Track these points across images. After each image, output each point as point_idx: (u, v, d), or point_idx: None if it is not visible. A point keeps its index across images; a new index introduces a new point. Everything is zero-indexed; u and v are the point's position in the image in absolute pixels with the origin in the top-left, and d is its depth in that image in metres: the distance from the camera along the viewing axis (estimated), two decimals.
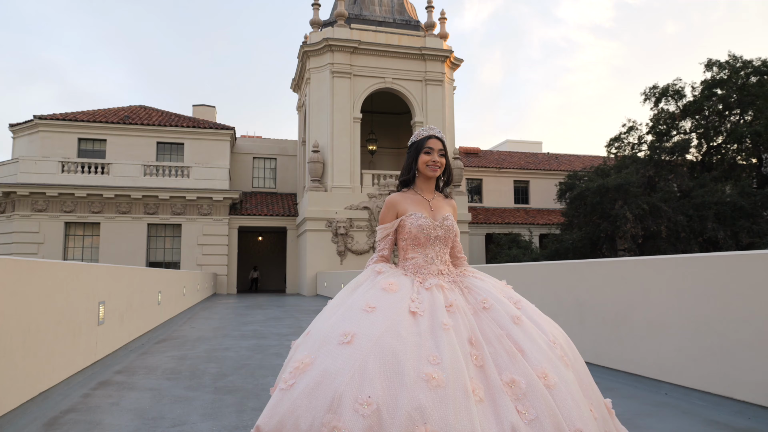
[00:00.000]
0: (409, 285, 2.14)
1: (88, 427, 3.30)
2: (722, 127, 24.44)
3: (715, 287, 3.55)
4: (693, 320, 3.70)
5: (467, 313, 2.04)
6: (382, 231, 2.40)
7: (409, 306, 1.98)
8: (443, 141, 2.40)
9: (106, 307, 5.37)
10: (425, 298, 2.05)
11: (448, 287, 2.17)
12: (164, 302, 9.39)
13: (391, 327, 1.86)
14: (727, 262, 3.48)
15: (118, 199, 23.17)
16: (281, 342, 7.41)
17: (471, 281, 2.28)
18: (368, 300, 2.01)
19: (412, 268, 2.28)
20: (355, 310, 1.97)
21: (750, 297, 3.31)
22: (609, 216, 19.86)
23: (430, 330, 1.89)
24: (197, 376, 4.90)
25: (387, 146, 28.42)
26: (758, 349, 3.24)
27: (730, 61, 23.99)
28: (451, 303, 2.05)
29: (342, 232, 22.28)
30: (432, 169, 2.35)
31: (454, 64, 25.67)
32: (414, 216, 2.30)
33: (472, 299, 2.16)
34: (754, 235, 19.45)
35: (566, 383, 1.85)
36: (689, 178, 22.88)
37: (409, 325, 1.90)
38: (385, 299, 2.01)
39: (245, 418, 3.50)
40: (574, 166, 33.53)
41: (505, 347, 1.91)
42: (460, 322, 1.97)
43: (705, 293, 3.62)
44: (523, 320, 2.04)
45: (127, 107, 27.28)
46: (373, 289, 2.11)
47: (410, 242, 2.31)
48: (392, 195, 2.42)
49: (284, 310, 14.05)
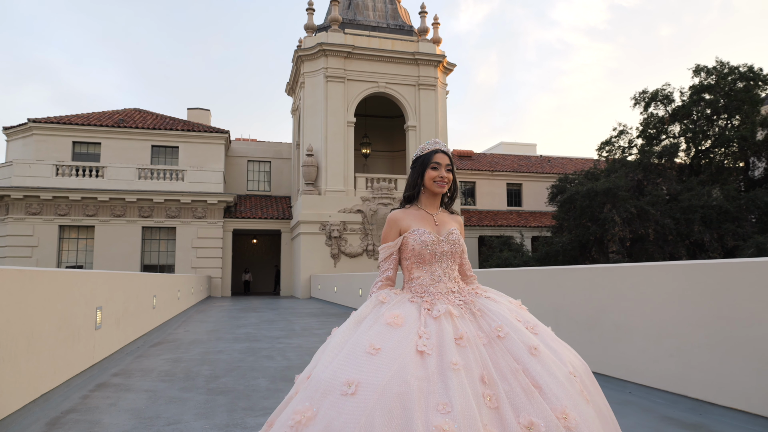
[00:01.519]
0: (415, 315, 2.02)
1: (88, 426, 3.53)
2: (710, 131, 24.83)
3: (674, 294, 3.82)
4: (654, 324, 3.97)
5: (479, 346, 1.93)
6: (385, 251, 2.28)
7: (416, 344, 1.87)
8: (450, 155, 2.32)
9: (103, 312, 5.59)
10: (433, 332, 1.94)
11: (458, 314, 2.05)
12: (159, 306, 9.60)
13: (397, 372, 1.74)
14: (684, 271, 3.75)
15: (112, 203, 23.32)
16: (273, 345, 7.64)
17: (484, 303, 2.16)
18: (372, 339, 1.89)
19: (418, 289, 2.18)
20: (358, 353, 1.85)
21: (703, 303, 3.58)
22: (598, 219, 20.20)
23: (438, 372, 1.78)
24: (191, 378, 5.13)
25: (381, 149, 28.70)
26: (711, 351, 3.51)
27: (717, 67, 24.41)
28: (462, 335, 1.93)
29: (336, 235, 22.52)
30: (439, 185, 2.27)
31: (447, 69, 25.97)
32: (417, 232, 2.21)
33: (486, 325, 2.04)
34: (739, 238, 19.83)
35: (587, 423, 1.75)
36: (677, 182, 23.26)
37: (416, 368, 1.78)
38: (391, 337, 1.89)
39: (236, 417, 3.73)
40: (567, 168, 33.90)
41: (521, 384, 1.80)
42: (471, 358, 1.86)
43: (665, 299, 3.89)
44: (540, 351, 1.93)
45: (121, 110, 27.42)
46: (377, 324, 1.98)
47: (415, 260, 2.22)
48: (394, 212, 2.32)
49: (278, 312, 14.26)
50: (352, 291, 14.35)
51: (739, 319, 3.32)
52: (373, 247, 22.95)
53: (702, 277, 3.62)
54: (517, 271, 6.01)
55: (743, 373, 3.29)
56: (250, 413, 3.82)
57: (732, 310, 3.37)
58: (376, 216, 23.03)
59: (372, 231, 23.05)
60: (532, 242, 29.36)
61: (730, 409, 3.37)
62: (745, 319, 3.28)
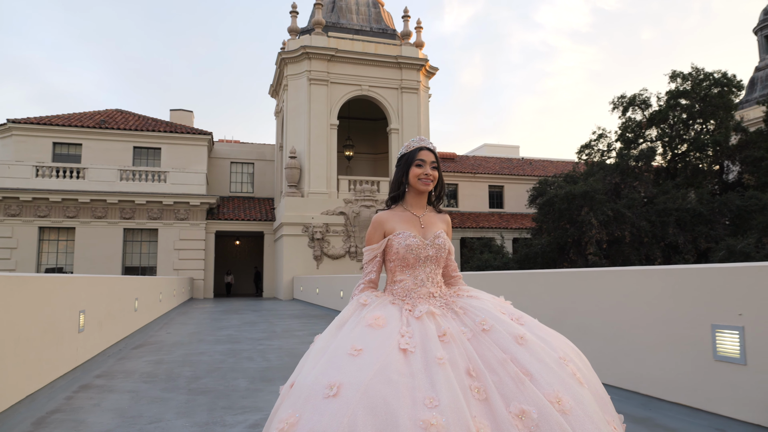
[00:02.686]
0: (397, 316, 2.00)
1: (73, 425, 3.69)
2: (686, 135, 25.45)
3: (628, 297, 4.09)
4: (610, 326, 4.24)
5: (462, 341, 1.89)
6: (368, 253, 2.24)
7: (399, 342, 1.84)
8: (435, 153, 2.27)
9: (86, 316, 5.72)
10: (416, 330, 1.91)
11: (440, 313, 2.03)
12: (141, 308, 9.70)
13: (380, 371, 1.71)
14: (635, 276, 4.03)
15: (93, 204, 23.20)
16: (254, 346, 7.81)
17: (466, 301, 2.13)
18: (353, 341, 1.86)
19: (400, 293, 2.16)
20: (340, 355, 1.82)
21: (653, 306, 3.85)
22: (576, 222, 20.62)
23: (423, 368, 1.75)
24: (173, 379, 5.29)
25: (364, 152, 28.91)
26: (659, 351, 3.78)
27: (693, 73, 25.06)
28: (444, 331, 1.90)
29: (318, 237, 22.67)
30: (424, 182, 2.22)
31: (430, 72, 26.28)
32: (402, 235, 2.16)
33: (469, 321, 2.01)
34: (711, 240, 20.39)
35: (583, 405, 1.71)
36: (654, 185, 23.80)
37: (400, 365, 1.75)
38: (372, 338, 1.87)
39: (215, 415, 3.92)
40: (548, 171, 34.43)
41: (510, 373, 1.77)
42: (456, 352, 1.82)
43: (619, 302, 4.16)
44: (527, 339, 1.89)
45: (103, 111, 27.26)
46: (359, 326, 1.95)
47: (398, 263, 2.18)
48: (379, 213, 2.27)
49: (260, 314, 14.39)
50: (334, 293, 14.54)
51: (683, 321, 3.60)
52: (355, 249, 23.15)
53: (652, 282, 3.89)
54: (486, 274, 6.27)
55: (688, 371, 3.56)
56: (230, 412, 4.01)
57: (678, 312, 3.65)
58: (358, 218, 23.22)
59: (354, 233, 23.25)
60: (513, 244, 29.78)
61: (676, 404, 3.65)
62: (689, 321, 3.55)
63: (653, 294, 3.86)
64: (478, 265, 22.24)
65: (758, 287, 3.11)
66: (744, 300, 3.17)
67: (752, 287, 3.14)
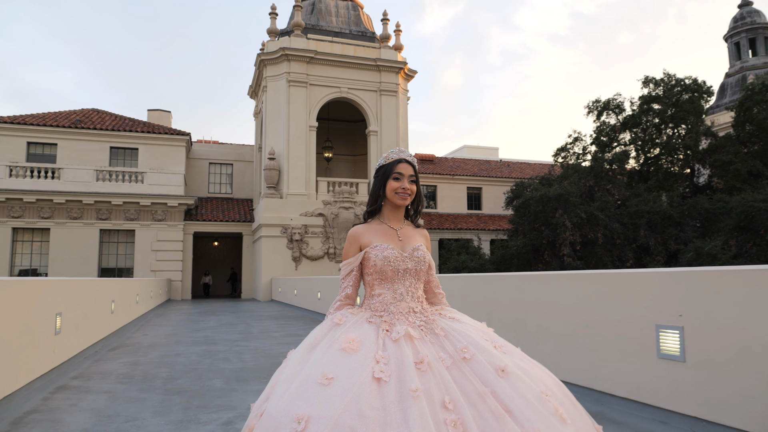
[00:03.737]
0: (373, 337, 1.92)
1: (51, 424, 3.81)
2: (658, 139, 26.12)
3: (583, 299, 4.34)
4: (568, 326, 4.49)
5: (440, 370, 1.82)
6: (345, 267, 2.18)
7: (374, 370, 1.76)
8: (414, 166, 2.22)
9: (62, 318, 5.80)
10: (392, 356, 1.83)
11: (418, 336, 1.95)
12: (117, 311, 9.73)
13: (351, 403, 1.64)
14: (587, 280, 4.29)
15: (69, 205, 22.95)
16: (230, 348, 7.93)
17: (447, 324, 2.06)
18: (325, 368, 1.77)
19: (378, 308, 2.09)
20: (310, 384, 1.74)
21: (606, 307, 4.11)
22: (551, 224, 21.05)
23: (397, 400, 1.68)
24: (149, 380, 5.40)
25: (343, 153, 29.05)
26: (611, 350, 4.04)
27: (664, 79, 25.72)
28: (422, 359, 1.83)
29: (297, 238, 22.76)
30: (401, 197, 2.17)
31: (408, 75, 26.54)
32: (379, 247, 2.11)
33: (450, 346, 1.94)
34: (680, 242, 21.00)
35: None
36: (626, 188, 24.40)
37: (372, 397, 1.68)
38: (345, 365, 1.79)
39: (190, 414, 4.06)
40: (525, 173, 34.97)
41: (490, 407, 1.70)
42: (432, 383, 1.75)
43: (576, 304, 4.41)
44: (509, 371, 1.83)
45: (79, 111, 26.95)
46: (331, 350, 1.87)
47: (376, 277, 2.12)
48: (354, 227, 2.22)
49: (237, 316, 14.46)
50: (312, 294, 14.67)
51: (631, 322, 3.85)
52: (334, 250, 23.28)
53: (603, 286, 4.15)
54: (456, 276, 6.50)
55: (635, 369, 3.82)
56: (204, 410, 4.16)
57: (626, 314, 3.90)
58: (337, 219, 23.37)
59: (333, 234, 23.38)
60: (491, 245, 30.20)
61: (625, 399, 3.90)
62: (636, 321, 3.81)
63: (605, 296, 4.12)
64: (455, 266, 22.55)
65: (696, 290, 3.37)
66: (684, 302, 3.43)
67: (691, 290, 3.40)
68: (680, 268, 3.53)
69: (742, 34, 36.20)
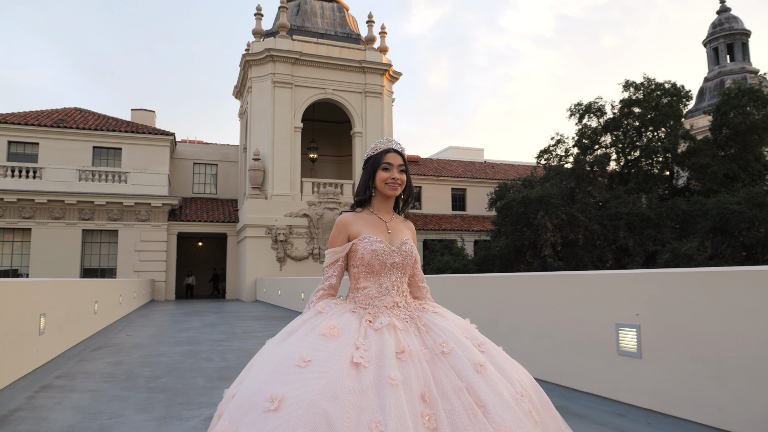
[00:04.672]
0: (356, 326, 1.90)
1: (36, 421, 3.92)
2: (639, 142, 26.62)
3: (550, 300, 4.55)
4: (536, 325, 4.70)
5: (421, 362, 1.80)
6: (331, 255, 2.13)
7: (353, 356, 1.74)
8: (403, 155, 2.19)
9: (46, 319, 5.89)
10: (373, 343, 1.80)
11: (402, 327, 1.93)
12: (101, 311, 9.79)
13: (327, 386, 1.62)
14: (554, 281, 4.50)
15: (51, 205, 22.79)
16: (213, 347, 8.04)
17: (430, 318, 2.04)
18: (303, 351, 1.75)
19: (363, 301, 2.05)
20: (286, 365, 1.71)
21: (569, 307, 4.32)
22: (532, 225, 21.38)
23: (374, 386, 1.66)
24: (132, 379, 5.52)
25: (328, 154, 29.18)
26: (574, 347, 4.25)
27: (644, 83, 26.23)
28: (404, 348, 1.80)
29: (282, 238, 22.84)
30: (391, 187, 2.13)
31: (393, 77, 26.74)
32: (368, 239, 2.07)
33: (430, 341, 1.92)
34: (658, 243, 21.46)
35: None
36: (606, 190, 24.84)
37: (349, 381, 1.66)
38: (324, 349, 1.76)
39: (173, 410, 4.20)
40: (510, 174, 35.37)
41: (464, 403, 1.69)
42: (412, 374, 1.73)
43: (544, 304, 4.62)
44: (486, 368, 1.82)
45: (61, 110, 26.75)
46: (311, 335, 1.84)
47: (363, 269, 2.08)
48: (343, 215, 2.16)
49: (221, 316, 14.53)
50: (297, 294, 14.79)
51: (594, 321, 4.07)
52: (318, 250, 23.40)
53: (569, 287, 4.36)
54: (434, 278, 6.69)
55: (597, 365, 4.03)
56: (186, 407, 4.29)
57: (589, 313, 4.12)
58: (322, 220, 23.49)
59: (318, 235, 23.50)
60: (474, 246, 30.51)
61: (588, 393, 4.12)
62: (598, 320, 4.03)
63: (570, 297, 4.33)
64: (439, 267, 22.79)
65: (652, 291, 3.59)
66: (640, 302, 3.65)
67: (647, 291, 3.62)
68: (637, 270, 3.75)
69: (720, 39, 36.94)
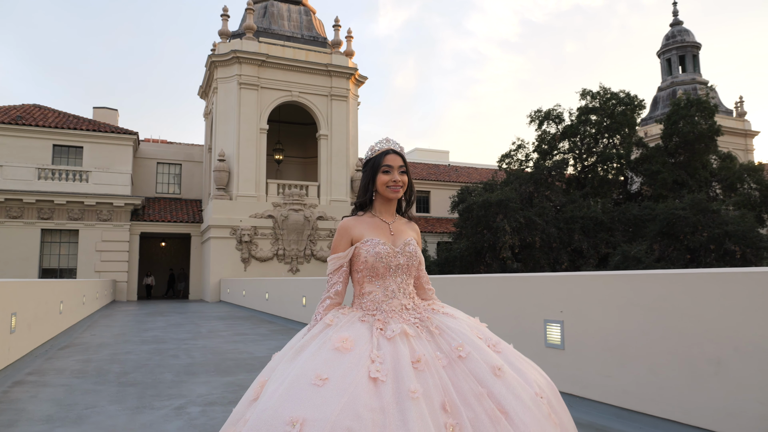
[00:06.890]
0: (367, 336, 1.86)
1: (15, 413, 4.20)
2: (595, 148, 27.77)
3: (489, 299, 5.08)
4: (505, 323, 5.20)
5: (438, 369, 1.78)
6: (334, 262, 2.07)
7: (369, 370, 1.70)
8: (403, 155, 2.14)
9: (17, 318, 6.10)
10: (387, 355, 1.76)
11: (414, 334, 1.89)
12: (65, 311, 9.91)
13: (348, 405, 1.58)
14: (495, 282, 5.03)
15: (8, 203, 22.35)
16: (179, 346, 8.32)
17: (442, 320, 2.02)
18: (318, 368, 1.70)
19: (370, 306, 2.01)
20: (303, 385, 1.66)
21: (506, 305, 4.85)
22: (492, 228, 22.14)
23: (395, 401, 1.63)
24: (103, 375, 5.80)
25: (294, 155, 29.38)
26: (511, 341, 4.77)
27: (600, 92, 27.40)
28: (419, 357, 1.77)
29: (246, 239, 22.98)
30: (393, 190, 2.09)
31: (359, 81, 27.17)
32: (371, 242, 2.02)
33: (445, 344, 1.90)
34: (610, 246, 22.52)
35: None
36: (563, 195, 25.86)
37: (369, 398, 1.62)
38: (339, 365, 1.72)
39: (145, 401, 4.54)
40: (473, 177, 36.25)
41: (486, 410, 1.68)
42: (431, 383, 1.71)
43: (484, 303, 5.14)
44: (504, 371, 1.81)
45: (19, 106, 26.18)
46: (323, 350, 1.79)
47: (367, 273, 2.04)
48: (345, 219, 2.12)
49: (185, 316, 14.68)
50: (261, 295, 15.06)
51: (526, 317, 4.60)
52: (283, 251, 23.62)
53: (506, 287, 4.89)
54: None
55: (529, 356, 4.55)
56: (157, 398, 4.63)
57: (522, 310, 4.65)
58: (287, 221, 23.72)
59: (283, 236, 23.72)
60: (437, 247, 31.19)
61: None
62: (530, 316, 4.56)
63: (507, 296, 4.86)
64: None
65: (573, 291, 4.13)
66: (564, 300, 4.20)
67: (569, 291, 4.16)
68: (562, 273, 4.29)
69: (673, 51, 38.72)
